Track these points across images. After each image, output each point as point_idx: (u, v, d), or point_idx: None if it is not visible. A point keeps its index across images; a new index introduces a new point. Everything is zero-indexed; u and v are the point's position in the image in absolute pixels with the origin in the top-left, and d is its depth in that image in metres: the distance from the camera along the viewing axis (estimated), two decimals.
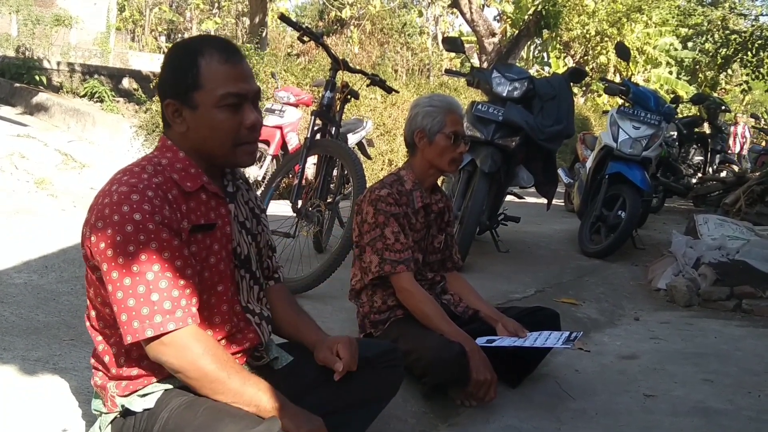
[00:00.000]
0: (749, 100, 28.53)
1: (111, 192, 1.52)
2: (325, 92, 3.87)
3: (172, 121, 1.63)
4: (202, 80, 1.58)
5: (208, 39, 1.70)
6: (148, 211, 1.49)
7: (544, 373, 2.92)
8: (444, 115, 2.67)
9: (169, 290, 1.49)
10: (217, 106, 1.58)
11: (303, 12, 28.36)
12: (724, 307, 4.31)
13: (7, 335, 2.47)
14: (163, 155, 1.64)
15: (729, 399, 2.78)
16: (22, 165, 6.25)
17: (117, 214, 1.48)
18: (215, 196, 1.67)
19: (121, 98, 10.23)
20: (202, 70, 1.58)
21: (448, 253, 2.88)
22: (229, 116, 1.59)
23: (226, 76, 1.59)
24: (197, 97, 1.58)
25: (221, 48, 1.61)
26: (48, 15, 15.30)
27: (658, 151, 5.65)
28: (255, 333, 1.74)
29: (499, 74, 4.65)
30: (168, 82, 1.63)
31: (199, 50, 1.60)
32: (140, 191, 1.51)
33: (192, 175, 1.63)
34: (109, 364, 1.62)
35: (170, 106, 1.62)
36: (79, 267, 3.51)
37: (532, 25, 13.87)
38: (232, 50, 1.63)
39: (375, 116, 9.41)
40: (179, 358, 1.49)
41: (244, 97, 1.61)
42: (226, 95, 1.58)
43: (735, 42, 12.70)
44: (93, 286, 1.61)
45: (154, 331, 1.47)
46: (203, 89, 1.58)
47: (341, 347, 1.79)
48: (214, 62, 1.58)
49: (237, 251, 1.71)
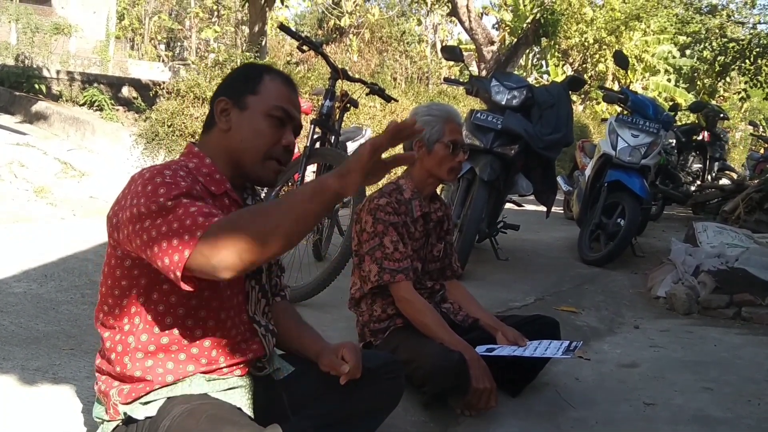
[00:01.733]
0: (747, 108, 28.58)
1: (142, 175, 1.53)
2: (324, 101, 3.88)
3: (218, 118, 1.69)
4: (260, 88, 1.69)
5: (275, 68, 1.84)
6: (181, 177, 1.52)
7: (544, 381, 2.92)
8: (443, 124, 2.67)
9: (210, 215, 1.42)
10: (265, 114, 1.67)
11: (302, 21, 28.44)
12: (723, 314, 4.31)
13: (7, 345, 2.47)
14: (190, 160, 1.67)
15: (729, 407, 2.77)
16: (22, 173, 6.25)
17: (150, 185, 1.48)
18: (236, 203, 1.69)
19: (121, 107, 10.25)
20: (264, 82, 1.70)
21: (448, 261, 2.88)
22: (273, 127, 1.68)
23: (282, 94, 1.70)
24: (250, 101, 1.68)
25: (285, 76, 1.76)
26: (47, 23, 15.33)
27: (657, 159, 5.66)
28: (260, 344, 1.74)
29: (498, 83, 4.67)
30: (228, 85, 1.73)
31: (267, 70, 1.74)
32: (173, 169, 1.55)
33: (217, 180, 1.66)
34: (115, 362, 1.62)
35: (221, 102, 1.69)
36: (78, 276, 3.51)
37: (530, 34, 13.92)
38: (293, 83, 1.77)
39: (374, 124, 9.42)
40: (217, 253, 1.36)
41: (289, 119, 1.70)
42: (277, 107, 1.68)
43: (733, 50, 12.73)
44: (110, 278, 1.61)
45: (183, 246, 1.37)
46: (258, 95, 1.68)
47: (347, 352, 1.79)
48: (277, 80, 1.72)
49: None
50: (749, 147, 22.83)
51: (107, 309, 1.64)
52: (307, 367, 1.82)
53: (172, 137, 7.58)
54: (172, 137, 7.58)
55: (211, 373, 1.65)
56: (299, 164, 3.72)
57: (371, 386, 1.84)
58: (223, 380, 1.66)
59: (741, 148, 25.47)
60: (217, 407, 1.56)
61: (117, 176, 6.95)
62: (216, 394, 1.63)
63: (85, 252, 4.01)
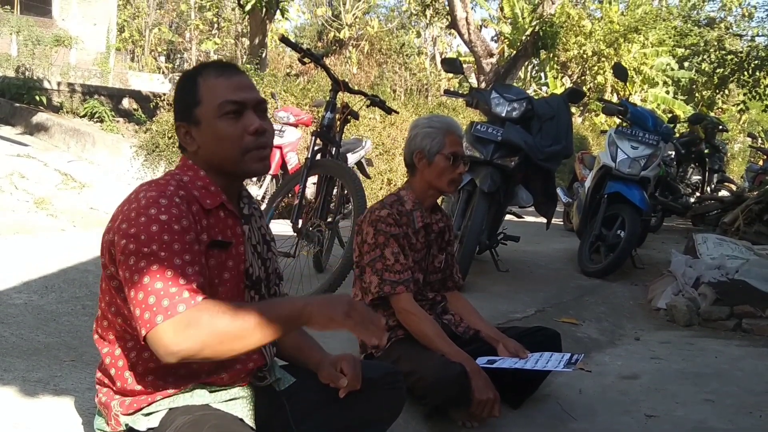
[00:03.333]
0: (746, 120, 28.64)
1: (138, 198, 1.54)
2: (325, 113, 3.89)
3: (184, 143, 1.68)
4: (200, 96, 1.63)
5: (206, 62, 1.76)
6: (175, 215, 1.51)
7: (546, 393, 2.91)
8: (443, 136, 2.68)
9: (186, 286, 1.45)
10: (217, 116, 1.62)
11: (302, 33, 28.51)
12: (724, 326, 4.31)
13: (8, 356, 2.46)
14: (185, 173, 1.67)
15: (730, 419, 2.77)
16: (22, 185, 6.26)
17: (144, 216, 1.49)
18: (232, 215, 1.68)
19: (121, 118, 10.26)
20: (200, 87, 1.64)
21: (449, 272, 2.88)
22: (231, 124, 1.62)
23: (222, 87, 1.63)
24: (199, 113, 1.63)
25: (216, 65, 1.69)
26: (48, 35, 15.37)
27: (657, 171, 5.67)
28: (260, 354, 1.74)
29: (498, 95, 4.68)
30: (176, 107, 1.70)
31: (198, 72, 1.67)
32: (168, 196, 1.53)
33: (212, 193, 1.65)
34: (115, 377, 1.62)
35: (181, 128, 1.67)
36: (78, 287, 3.51)
37: (529, 46, 13.96)
38: (228, 66, 1.70)
39: (374, 136, 9.44)
40: (193, 337, 1.40)
41: (243, 105, 1.64)
42: (224, 104, 1.62)
43: (731, 62, 12.77)
44: (108, 295, 1.61)
45: (163, 316, 1.40)
46: (203, 104, 1.63)
47: (345, 364, 1.79)
48: (210, 78, 1.65)
49: (249, 272, 1.71)
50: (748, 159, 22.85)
51: (106, 324, 1.64)
52: (308, 378, 1.82)
53: (172, 149, 7.59)
54: (172, 149, 7.59)
55: (212, 384, 1.65)
56: (300, 176, 3.73)
57: (372, 397, 1.84)
58: (225, 391, 1.66)
59: (740, 160, 25.49)
60: (219, 418, 1.56)
61: (117, 188, 6.95)
62: (218, 405, 1.63)
63: (85, 263, 4.01)
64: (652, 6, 21.13)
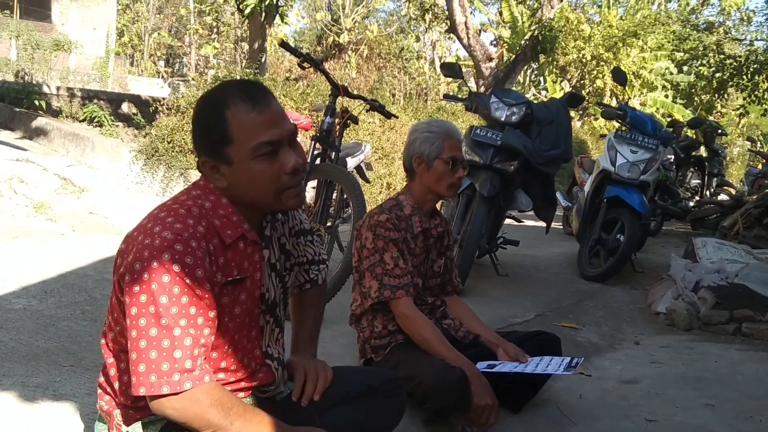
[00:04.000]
0: (745, 124, 28.66)
1: (153, 234, 1.47)
2: (325, 117, 3.89)
3: (211, 178, 1.58)
4: (232, 134, 1.51)
5: (231, 87, 1.58)
6: (188, 265, 1.45)
7: (546, 398, 2.91)
8: (442, 141, 2.68)
9: (192, 348, 1.46)
10: (252, 158, 1.52)
11: (301, 37, 28.53)
12: (724, 330, 4.30)
13: (7, 361, 2.46)
14: (207, 198, 1.58)
15: (730, 424, 2.77)
16: (21, 189, 6.25)
17: (156, 261, 1.43)
18: (252, 243, 1.63)
19: (121, 123, 10.24)
20: (230, 124, 1.51)
21: (448, 277, 2.88)
22: (268, 166, 1.53)
23: (256, 125, 1.51)
24: (231, 153, 1.52)
25: (246, 95, 1.53)
26: (47, 40, 15.37)
27: (656, 175, 5.68)
28: (266, 373, 1.72)
29: (497, 99, 4.69)
30: (200, 139, 1.58)
31: (224, 102, 1.53)
32: (184, 241, 1.46)
33: (233, 223, 1.58)
34: (119, 391, 1.61)
35: (206, 164, 1.57)
36: (78, 292, 3.51)
37: (528, 50, 13.97)
38: (258, 94, 1.55)
39: (373, 140, 9.44)
40: (186, 411, 1.46)
41: (279, 143, 1.54)
42: (260, 146, 1.51)
43: (730, 66, 12.77)
44: (116, 312, 1.58)
45: (170, 388, 1.43)
46: (235, 143, 1.51)
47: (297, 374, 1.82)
48: (242, 113, 1.51)
49: (265, 297, 1.69)
50: (747, 163, 22.89)
51: (112, 337, 1.62)
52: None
53: (171, 153, 7.59)
54: (171, 153, 7.59)
55: None
56: None
57: (373, 403, 1.83)
58: None
59: (739, 164, 25.52)
60: None
61: (117, 192, 6.95)
62: None
63: (84, 268, 4.00)
64: (651, 10, 21.16)
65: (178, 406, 1.45)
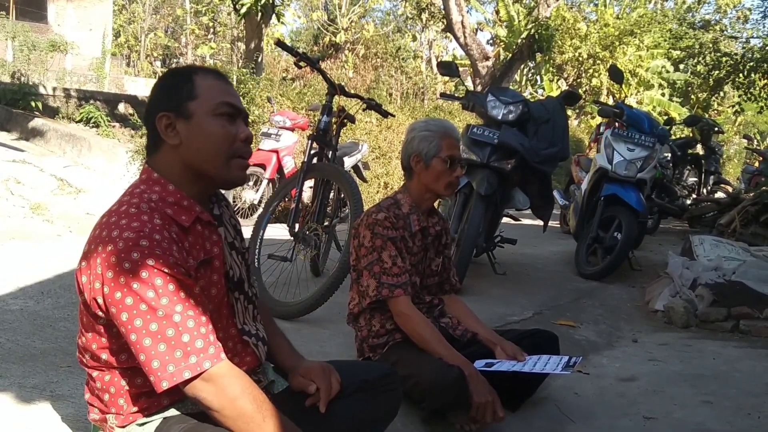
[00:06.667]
0: (742, 121, 28.70)
1: (114, 239, 1.45)
2: (321, 117, 3.89)
3: (164, 134, 1.60)
4: (197, 91, 1.60)
5: (200, 65, 1.76)
6: (160, 255, 1.45)
7: (544, 396, 2.91)
8: (440, 140, 2.68)
9: (197, 328, 1.45)
10: (213, 114, 1.59)
11: (298, 37, 28.54)
12: (721, 328, 4.31)
13: (3, 362, 2.45)
14: (151, 189, 1.59)
15: (729, 421, 2.77)
16: (18, 190, 6.24)
17: (127, 262, 1.42)
18: (208, 224, 1.64)
19: (117, 123, 10.23)
20: (198, 83, 1.61)
21: (446, 275, 2.88)
22: (225, 125, 1.61)
23: (221, 89, 1.63)
24: (192, 107, 1.59)
25: (214, 70, 1.69)
26: (44, 41, 15.35)
27: (653, 173, 5.68)
28: (252, 355, 1.72)
29: (494, 98, 4.69)
30: (160, 99, 1.63)
31: (193, 70, 1.65)
32: (147, 236, 1.45)
33: (185, 207, 1.59)
34: (109, 403, 1.59)
35: (163, 118, 1.59)
36: (75, 293, 3.49)
37: (525, 49, 13.97)
38: (223, 74, 1.70)
39: (370, 139, 9.45)
40: (219, 396, 1.46)
41: (237, 111, 1.64)
42: (223, 104, 1.61)
43: (726, 64, 12.77)
44: (91, 331, 1.56)
45: (191, 372, 1.43)
46: (199, 98, 1.60)
47: (316, 378, 1.79)
48: (209, 77, 1.64)
49: (230, 275, 1.69)
50: (744, 160, 22.92)
51: (89, 357, 1.59)
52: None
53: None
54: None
55: None
56: (297, 180, 3.73)
57: (369, 398, 1.84)
58: None
59: (736, 162, 25.58)
60: (215, 429, 1.54)
61: (113, 193, 6.94)
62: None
63: None
64: (648, 9, 21.19)
65: (209, 389, 1.46)
